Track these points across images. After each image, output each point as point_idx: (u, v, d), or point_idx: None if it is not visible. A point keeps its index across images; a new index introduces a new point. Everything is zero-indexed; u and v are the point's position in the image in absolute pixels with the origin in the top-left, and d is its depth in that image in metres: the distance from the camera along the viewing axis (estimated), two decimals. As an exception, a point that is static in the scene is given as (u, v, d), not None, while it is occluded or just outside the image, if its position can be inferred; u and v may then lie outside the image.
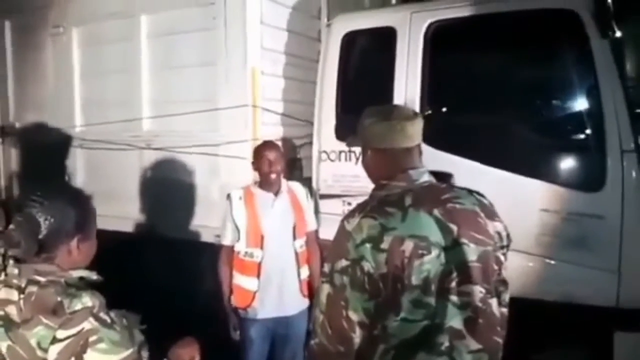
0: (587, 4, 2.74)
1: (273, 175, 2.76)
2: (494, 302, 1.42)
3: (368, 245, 1.34)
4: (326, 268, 1.45)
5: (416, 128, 1.51)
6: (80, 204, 1.39)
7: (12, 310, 1.22)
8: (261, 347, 2.84)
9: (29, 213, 1.30)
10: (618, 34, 2.89)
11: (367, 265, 1.34)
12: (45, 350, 1.18)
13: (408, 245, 1.32)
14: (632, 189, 2.66)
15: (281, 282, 2.77)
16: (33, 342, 1.18)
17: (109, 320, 1.24)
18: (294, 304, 2.82)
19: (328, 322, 1.40)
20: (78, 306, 1.21)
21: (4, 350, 1.20)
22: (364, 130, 1.55)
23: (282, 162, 2.82)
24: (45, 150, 4.52)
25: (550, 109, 2.95)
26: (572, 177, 2.82)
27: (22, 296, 1.22)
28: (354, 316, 1.36)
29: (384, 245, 1.33)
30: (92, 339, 1.18)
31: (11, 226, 1.29)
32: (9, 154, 4.97)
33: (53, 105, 4.54)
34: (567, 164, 2.87)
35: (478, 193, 1.53)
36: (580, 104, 2.85)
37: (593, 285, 2.72)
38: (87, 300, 1.23)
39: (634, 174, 2.66)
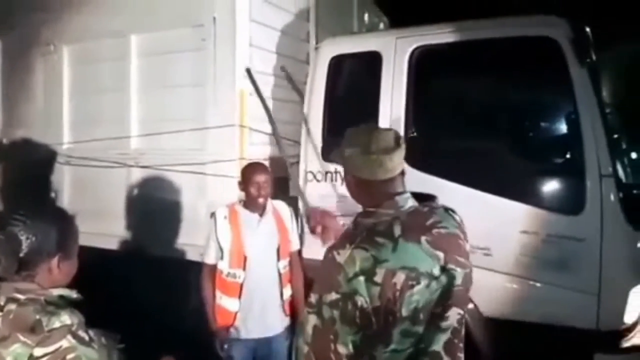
0: (567, 32, 2.83)
1: (261, 200, 2.76)
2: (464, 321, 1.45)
3: (362, 279, 1.32)
4: (313, 299, 1.41)
5: (396, 160, 1.48)
6: (62, 224, 1.39)
7: None
8: None
9: (10, 231, 1.30)
10: (596, 61, 2.99)
11: (361, 300, 1.32)
12: None
13: (400, 278, 1.32)
14: (610, 213, 2.72)
15: (264, 303, 2.76)
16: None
17: (87, 339, 1.25)
18: (276, 324, 2.81)
19: (314, 354, 1.38)
20: (56, 324, 1.21)
21: None
22: (344, 159, 1.53)
23: (270, 185, 2.81)
24: (33, 167, 4.52)
25: (531, 133, 3.00)
26: (553, 201, 2.87)
27: (0, 314, 1.22)
28: (342, 350, 1.34)
29: (377, 278, 1.31)
30: (69, 356, 1.18)
31: None
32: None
33: (42, 122, 4.55)
34: (548, 187, 2.92)
35: (452, 210, 1.54)
36: (560, 129, 2.92)
37: (573, 307, 2.76)
38: (66, 318, 1.24)
39: (612, 197, 2.72)
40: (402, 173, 1.54)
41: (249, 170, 2.81)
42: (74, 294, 1.35)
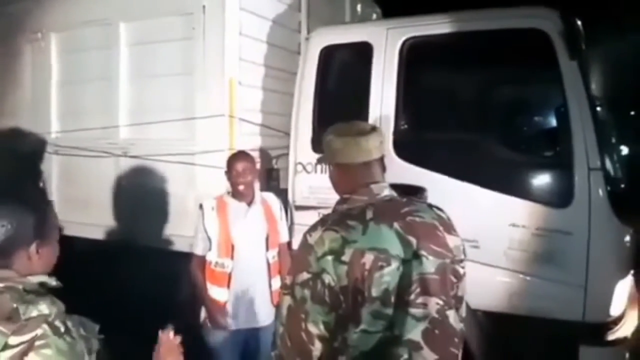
0: (557, 25, 2.82)
1: (241, 187, 2.76)
2: (451, 313, 1.45)
3: (329, 258, 1.36)
4: (288, 280, 1.46)
5: (372, 143, 1.53)
6: (38, 209, 1.35)
7: None
8: (232, 358, 2.82)
9: None
10: (587, 54, 2.98)
11: (328, 278, 1.36)
12: None
13: (368, 258, 1.35)
14: (598, 206, 2.73)
15: (252, 293, 2.76)
16: None
17: (62, 329, 1.22)
18: (265, 314, 2.80)
19: (288, 334, 1.42)
20: (34, 313, 1.19)
21: None
22: (325, 146, 1.59)
23: (253, 173, 2.81)
24: (20, 156, 4.47)
25: (520, 126, 3.02)
26: (541, 194, 2.87)
27: None
28: (313, 329, 1.38)
29: (345, 257, 1.35)
30: (38, 343, 1.16)
31: None
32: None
33: (30, 110, 4.51)
34: (536, 180, 2.92)
35: (437, 207, 1.56)
36: (549, 122, 2.92)
37: (560, 299, 2.77)
38: (44, 308, 1.21)
39: (600, 191, 2.73)
40: (382, 163, 1.58)
41: (231, 159, 2.85)
42: (53, 282, 1.33)
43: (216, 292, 2.77)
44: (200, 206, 2.83)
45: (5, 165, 4.59)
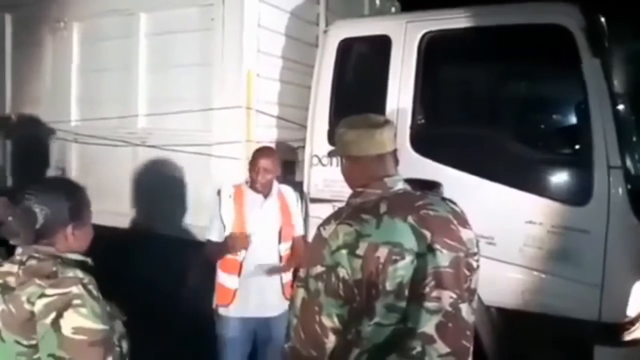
0: (580, 22, 2.78)
1: (259, 185, 2.80)
2: (464, 307, 1.45)
3: (344, 252, 1.37)
4: (302, 273, 1.48)
5: (385, 135, 1.53)
6: (73, 194, 1.50)
7: (10, 279, 1.34)
8: (242, 346, 2.85)
9: (25, 205, 1.41)
10: (609, 51, 2.93)
11: (343, 272, 1.36)
12: (33, 304, 1.27)
13: (382, 252, 1.35)
14: (617, 205, 2.69)
15: (263, 283, 2.78)
16: (24, 298, 1.29)
17: (95, 294, 1.34)
18: (275, 305, 2.83)
19: (302, 326, 1.43)
20: (70, 274, 1.33)
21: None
22: (338, 138, 1.59)
23: (275, 171, 2.83)
24: (40, 143, 4.54)
25: (540, 122, 2.98)
26: (559, 191, 2.84)
27: (22, 267, 1.34)
28: (327, 322, 1.39)
29: (359, 251, 1.36)
30: (75, 301, 1.28)
31: (10, 218, 1.42)
32: (4, 146, 4.99)
33: (50, 99, 4.57)
34: (555, 177, 2.89)
35: (451, 201, 1.56)
36: (570, 119, 2.89)
37: (575, 298, 2.74)
38: (79, 272, 1.35)
39: (619, 189, 2.69)
40: (395, 156, 1.57)
41: (256, 152, 2.87)
42: (89, 261, 1.46)
43: (227, 279, 2.81)
44: (218, 192, 2.86)
45: (27, 152, 4.68)
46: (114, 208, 4.06)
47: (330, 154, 1.94)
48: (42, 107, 4.60)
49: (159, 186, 3.90)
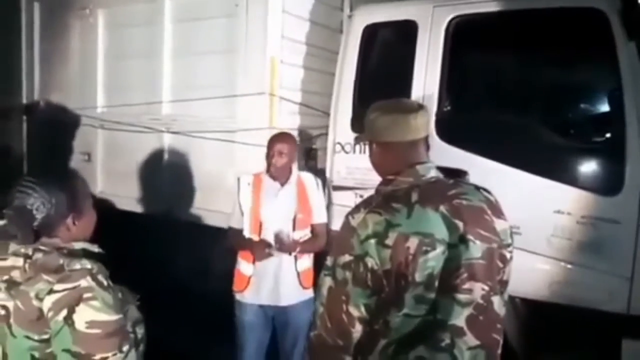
0: (615, 5, 2.69)
1: (273, 167, 2.77)
2: (496, 299, 1.41)
3: (372, 241, 1.34)
4: (329, 261, 1.45)
5: (420, 121, 1.47)
6: (68, 186, 1.44)
7: (16, 274, 1.30)
8: (260, 333, 2.87)
9: (20, 205, 1.35)
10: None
11: (371, 262, 1.33)
12: (41, 300, 1.25)
13: (413, 242, 1.31)
14: (650, 195, 2.61)
15: (277, 271, 2.78)
16: (32, 294, 1.26)
17: (105, 284, 1.32)
18: (291, 294, 2.81)
19: (328, 315, 1.41)
20: (77, 266, 1.30)
21: (10, 309, 1.28)
22: (369, 124, 1.53)
23: (289, 156, 2.79)
24: (67, 129, 4.62)
25: (570, 109, 2.90)
26: (589, 181, 2.77)
27: (28, 261, 1.30)
28: (354, 311, 1.37)
29: (389, 241, 1.32)
30: (86, 295, 1.26)
31: (3, 222, 1.36)
32: (32, 132, 5.09)
33: (77, 85, 4.63)
34: (585, 166, 2.82)
35: (485, 189, 1.51)
36: (602, 106, 2.80)
37: (604, 290, 2.68)
38: (86, 263, 1.32)
39: (653, 180, 2.61)
40: (426, 143, 1.53)
41: (272, 138, 2.86)
42: (95, 248, 1.42)
43: (243, 266, 2.84)
44: (238, 180, 2.87)
45: (54, 137, 4.75)
46: (137, 193, 4.11)
47: (358, 140, 1.88)
48: (70, 93, 4.67)
49: (183, 172, 3.93)
